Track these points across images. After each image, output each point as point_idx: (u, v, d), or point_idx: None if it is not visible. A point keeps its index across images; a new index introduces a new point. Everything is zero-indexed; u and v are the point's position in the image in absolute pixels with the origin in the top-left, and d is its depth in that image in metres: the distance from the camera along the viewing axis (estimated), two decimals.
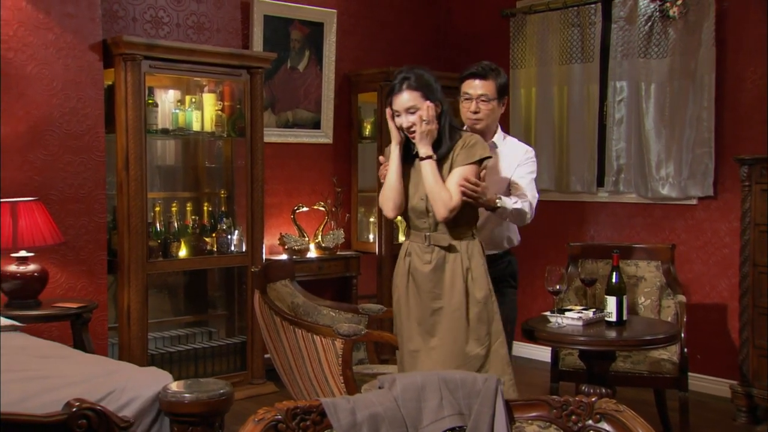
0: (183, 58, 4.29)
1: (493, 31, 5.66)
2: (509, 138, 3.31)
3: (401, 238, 5.56)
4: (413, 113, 2.79)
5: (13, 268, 3.60)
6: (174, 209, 4.52)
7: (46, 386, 2.19)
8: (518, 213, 3.03)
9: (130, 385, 2.25)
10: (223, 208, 4.71)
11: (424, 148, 2.81)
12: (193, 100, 4.57)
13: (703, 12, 4.60)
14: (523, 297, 5.46)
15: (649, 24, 4.81)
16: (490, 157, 2.86)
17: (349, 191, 5.54)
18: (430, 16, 5.90)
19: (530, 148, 3.27)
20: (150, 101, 4.30)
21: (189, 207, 4.65)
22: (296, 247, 5.03)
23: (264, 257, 4.77)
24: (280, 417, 1.51)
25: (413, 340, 2.87)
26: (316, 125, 5.33)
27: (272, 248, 5.07)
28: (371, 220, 5.52)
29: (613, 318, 3.25)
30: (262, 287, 3.27)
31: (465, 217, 2.84)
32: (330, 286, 5.27)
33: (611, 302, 3.26)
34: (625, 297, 3.28)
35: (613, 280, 3.29)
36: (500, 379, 1.65)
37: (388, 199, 2.88)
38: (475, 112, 3.11)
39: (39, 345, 2.81)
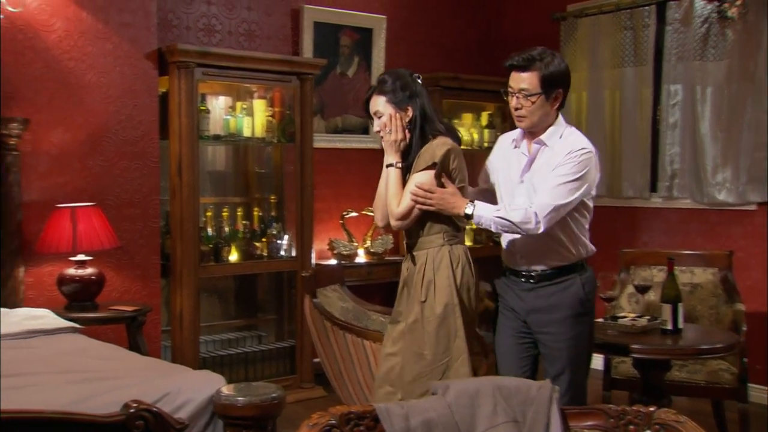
0: (234, 65, 4.35)
1: (543, 34, 5.61)
2: (569, 136, 2.73)
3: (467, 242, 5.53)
4: (380, 118, 2.73)
5: (72, 271, 3.70)
6: (225, 214, 4.58)
7: (105, 387, 2.24)
8: (502, 223, 2.63)
9: (185, 388, 2.29)
10: (272, 213, 4.76)
11: (386, 156, 2.74)
12: (244, 106, 4.63)
13: (763, 12, 4.48)
14: None
15: (706, 26, 4.71)
16: (440, 162, 2.65)
17: None
18: (479, 21, 5.88)
19: (577, 149, 2.66)
20: (202, 108, 4.37)
21: (239, 212, 4.71)
22: (345, 252, 5.06)
23: (313, 262, 4.80)
24: (334, 422, 1.51)
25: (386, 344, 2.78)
26: (364, 131, 5.35)
27: (321, 253, 5.10)
28: None
29: (669, 326, 3.18)
30: (313, 292, 3.29)
31: (434, 227, 2.70)
32: (378, 291, 5.27)
33: (666, 310, 3.19)
34: (680, 305, 3.21)
35: (669, 288, 3.22)
36: (555, 386, 1.63)
37: (376, 208, 2.88)
38: (517, 108, 2.73)
39: (97, 347, 2.88)
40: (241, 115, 4.59)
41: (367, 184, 5.42)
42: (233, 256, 4.55)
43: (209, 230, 4.46)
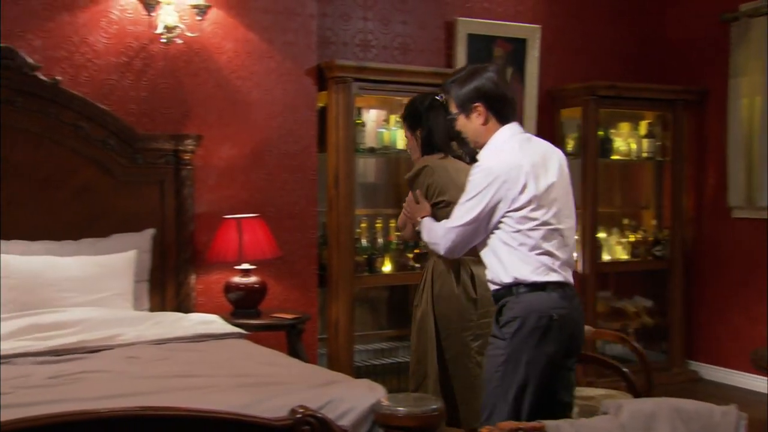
0: (390, 79, 4.44)
1: (710, 37, 5.31)
2: (495, 153, 2.54)
3: (605, 256, 5.36)
4: None
5: (237, 279, 3.89)
6: (378, 225, 4.66)
7: (272, 392, 2.33)
8: (423, 240, 2.79)
9: (347, 396, 2.33)
10: None
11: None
12: (397, 119, 4.69)
13: None
14: (744, 322, 5.05)
15: None
16: (409, 178, 3.05)
17: None
18: (639, 26, 5.65)
19: (476, 167, 2.53)
20: (358, 121, 4.48)
21: (392, 223, 4.77)
22: None
23: None
24: None
25: None
26: None
27: None
28: (575, 237, 5.36)
29: None
30: None
31: None
32: None
33: None
34: None
35: None
36: (742, 413, 1.52)
37: None
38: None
39: (262, 352, 3.00)
40: (395, 127, 4.67)
41: None
42: (387, 267, 4.62)
43: (363, 241, 4.56)
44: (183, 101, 3.99)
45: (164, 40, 3.84)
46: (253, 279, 3.91)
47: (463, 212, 2.52)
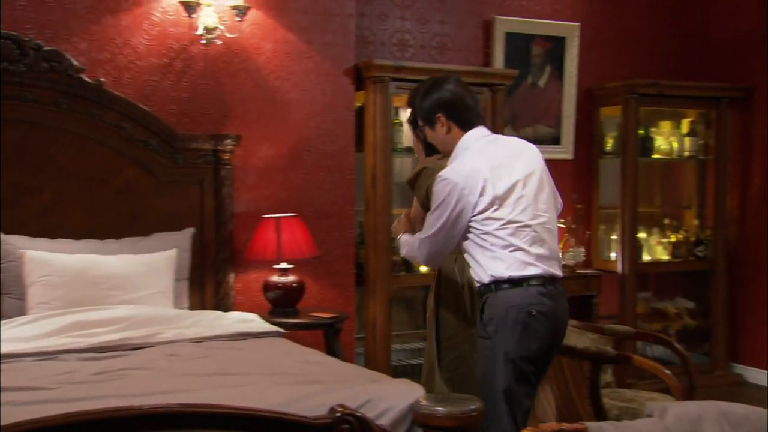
0: (426, 78, 4.42)
1: (755, 32, 5.20)
2: (456, 161, 2.64)
3: (645, 256, 5.28)
4: None
5: (275, 278, 3.92)
6: None
7: (311, 391, 2.34)
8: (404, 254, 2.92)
9: (386, 395, 2.33)
10: None
11: None
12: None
13: None
14: None
15: None
16: (408, 180, 3.03)
17: (589, 208, 5.36)
18: (681, 22, 5.56)
19: (439, 174, 2.60)
20: (396, 120, 4.49)
21: None
22: None
23: None
24: None
25: None
26: (555, 141, 5.23)
27: None
28: (613, 237, 5.30)
29: None
30: None
31: None
32: (569, 304, 5.11)
33: None
34: None
35: None
36: None
37: None
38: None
39: (301, 351, 3.02)
40: None
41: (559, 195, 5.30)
42: (423, 267, 4.61)
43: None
44: (222, 102, 4.03)
45: (204, 42, 3.88)
46: (291, 278, 3.93)
47: (431, 222, 2.61)
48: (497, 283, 2.53)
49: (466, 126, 2.65)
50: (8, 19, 3.57)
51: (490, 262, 2.54)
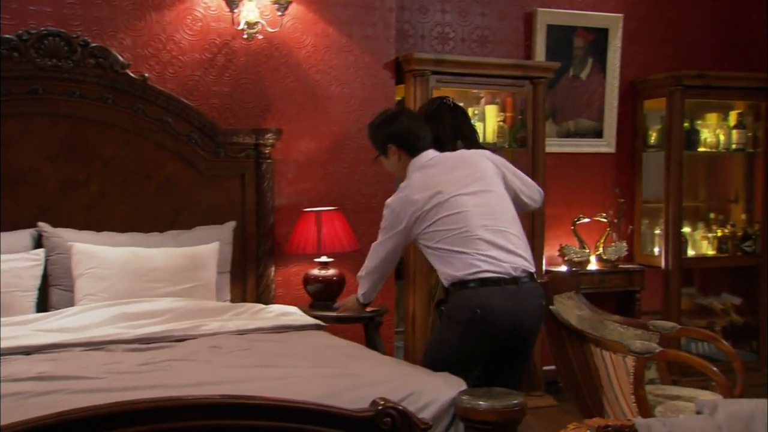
0: (468, 72, 4.41)
1: None
2: (401, 187, 3.02)
3: (690, 251, 5.19)
4: None
5: (316, 271, 3.94)
6: None
7: (352, 384, 2.34)
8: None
9: (427, 389, 2.33)
10: None
11: None
12: (476, 112, 4.66)
13: None
14: None
15: None
16: None
17: (632, 202, 5.29)
18: (728, 12, 5.43)
19: (386, 202, 3.02)
20: None
21: None
22: (576, 259, 4.91)
23: (544, 268, 4.71)
24: None
25: None
26: (598, 134, 5.17)
27: (551, 259, 4.99)
28: (656, 232, 5.22)
29: None
30: (549, 299, 3.22)
31: None
32: (611, 300, 5.06)
33: None
34: None
35: None
36: None
37: None
38: None
39: (341, 344, 3.03)
40: (473, 120, 4.62)
41: (600, 190, 5.24)
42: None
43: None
44: (264, 96, 4.06)
45: (246, 36, 3.91)
46: (331, 271, 3.95)
47: (380, 237, 3.04)
48: (454, 285, 2.81)
49: (413, 153, 2.97)
50: (57, 17, 3.64)
51: (446, 266, 2.83)
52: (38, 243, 3.45)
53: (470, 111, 4.65)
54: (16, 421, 1.68)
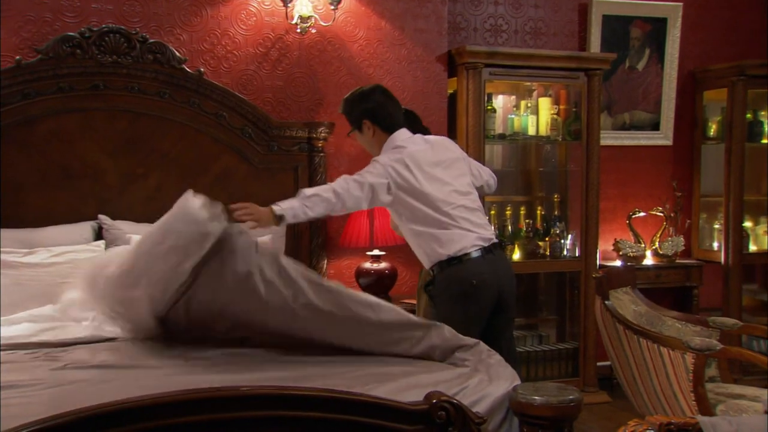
0: (521, 64, 4.36)
1: None
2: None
3: (752, 246, 5.05)
4: None
5: (368, 265, 3.95)
6: (508, 212, 4.60)
7: (406, 377, 2.34)
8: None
9: (482, 383, 2.31)
10: (556, 213, 4.69)
11: None
12: (528, 105, 4.61)
13: None
14: None
15: None
16: None
17: (689, 196, 5.17)
18: None
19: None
20: (489, 107, 4.43)
21: (522, 211, 4.70)
22: (631, 254, 4.82)
23: (597, 263, 4.64)
24: (652, 431, 1.43)
25: None
26: (654, 126, 5.06)
27: (605, 254, 4.92)
28: (715, 226, 5.09)
29: None
30: (605, 294, 3.17)
31: None
32: (667, 296, 4.96)
33: None
34: None
35: None
36: None
37: None
38: None
39: None
40: (526, 113, 4.58)
41: (656, 183, 5.13)
42: (516, 255, 4.56)
43: (493, 228, 4.50)
44: (316, 89, 4.08)
45: (299, 31, 3.94)
46: (383, 265, 3.95)
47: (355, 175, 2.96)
48: (441, 263, 2.97)
49: (388, 130, 3.06)
50: (117, 14, 3.73)
51: (431, 246, 2.97)
52: (98, 235, 3.54)
53: (522, 104, 4.61)
54: (82, 407, 1.72)
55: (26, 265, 3.22)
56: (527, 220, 4.64)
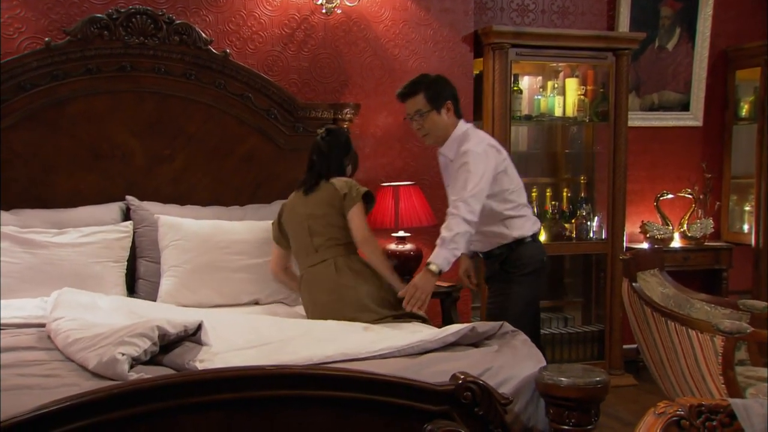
0: (548, 44, 4.31)
1: None
2: (466, 143, 3.09)
3: None
4: None
5: (393, 246, 3.95)
6: (534, 194, 4.57)
7: (432, 358, 2.35)
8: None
9: (507, 364, 2.31)
10: (582, 194, 4.65)
11: None
12: (555, 85, 4.56)
13: None
14: None
15: None
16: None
17: (719, 177, 5.10)
18: None
19: (467, 147, 3.04)
20: (515, 88, 4.39)
21: (548, 192, 4.67)
22: (659, 236, 4.78)
23: (624, 245, 4.60)
24: (682, 413, 1.41)
25: None
26: (684, 107, 4.99)
27: (632, 236, 4.87)
28: (746, 208, 5.02)
29: None
30: (632, 276, 3.15)
31: None
32: (696, 278, 4.91)
33: None
34: None
35: None
36: None
37: None
38: (418, 130, 3.20)
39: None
40: (552, 94, 4.53)
41: (685, 165, 5.07)
42: (542, 237, 4.52)
43: None
44: (342, 70, 4.07)
45: (325, 11, 3.92)
46: (408, 246, 3.95)
47: (467, 183, 3.03)
48: (518, 241, 3.17)
49: (458, 116, 3.19)
50: None
51: (512, 225, 3.16)
52: (126, 216, 3.57)
53: (549, 84, 4.56)
54: (136, 381, 1.75)
55: (57, 245, 3.26)
56: (553, 202, 4.61)
